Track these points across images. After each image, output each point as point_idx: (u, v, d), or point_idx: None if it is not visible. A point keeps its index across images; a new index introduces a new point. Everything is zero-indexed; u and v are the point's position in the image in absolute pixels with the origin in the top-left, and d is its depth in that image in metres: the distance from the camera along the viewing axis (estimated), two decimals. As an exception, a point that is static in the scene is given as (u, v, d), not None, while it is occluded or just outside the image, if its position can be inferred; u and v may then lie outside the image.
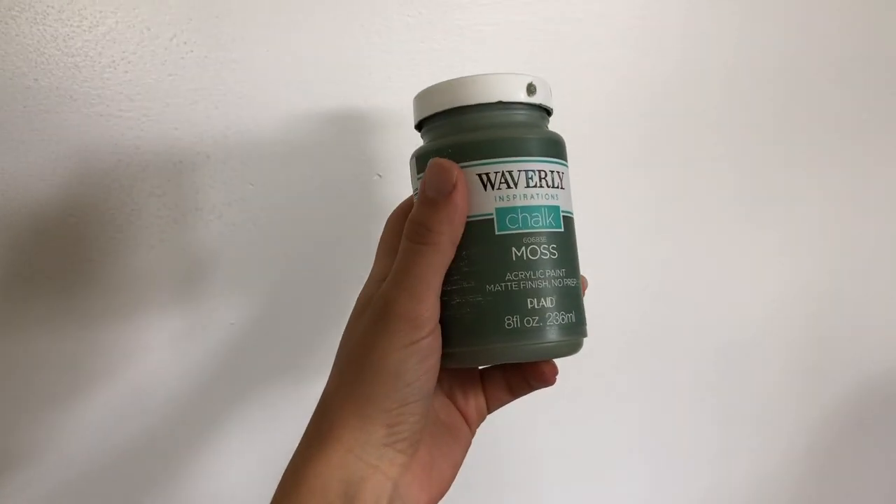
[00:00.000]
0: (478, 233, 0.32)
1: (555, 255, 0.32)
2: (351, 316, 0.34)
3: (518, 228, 0.32)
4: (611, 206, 0.57)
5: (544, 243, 0.32)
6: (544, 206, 0.32)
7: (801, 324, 0.66)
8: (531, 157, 0.32)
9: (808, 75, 0.63)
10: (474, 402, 0.37)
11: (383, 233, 0.37)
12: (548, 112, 0.35)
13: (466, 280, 0.32)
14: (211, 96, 0.45)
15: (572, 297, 0.33)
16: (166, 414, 0.47)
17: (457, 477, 0.36)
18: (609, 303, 0.56)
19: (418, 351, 0.30)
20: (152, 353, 0.47)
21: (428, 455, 0.33)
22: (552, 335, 0.32)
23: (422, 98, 0.35)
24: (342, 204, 0.49)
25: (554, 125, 0.36)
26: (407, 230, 0.32)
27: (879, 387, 0.70)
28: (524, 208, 0.32)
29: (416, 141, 0.49)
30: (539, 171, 0.32)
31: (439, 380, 0.36)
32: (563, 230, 0.33)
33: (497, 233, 0.32)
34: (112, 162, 0.44)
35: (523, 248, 0.32)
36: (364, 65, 0.48)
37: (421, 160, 0.34)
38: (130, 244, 0.45)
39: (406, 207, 0.36)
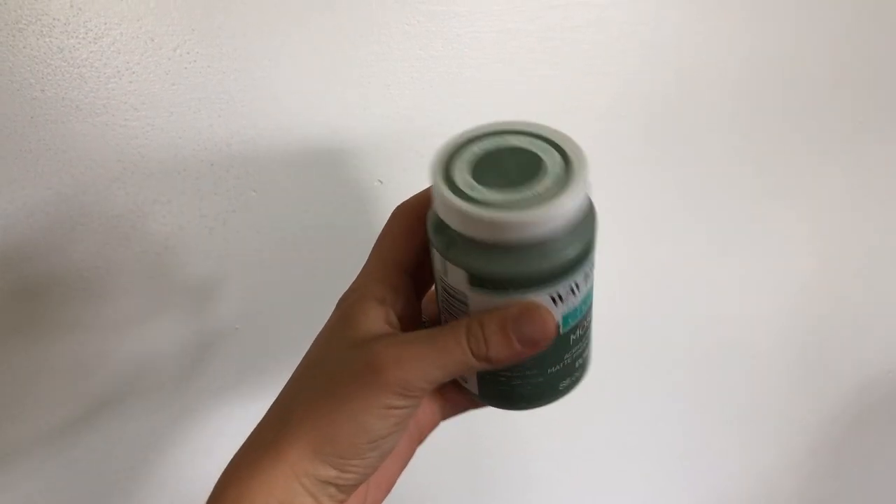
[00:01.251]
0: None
1: (590, 317, 0.33)
2: (332, 317, 0.33)
3: (576, 319, 0.32)
4: (611, 207, 0.58)
5: (589, 316, 0.33)
6: (591, 289, 0.32)
7: (804, 323, 0.66)
8: (589, 253, 0.31)
9: (810, 76, 0.63)
10: (431, 411, 0.36)
11: (386, 228, 0.34)
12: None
13: (529, 368, 0.32)
14: (214, 105, 0.46)
15: (590, 332, 0.34)
16: (171, 416, 0.48)
17: (451, 477, 0.36)
18: (609, 303, 0.57)
19: (396, 416, 0.30)
20: (157, 359, 0.47)
21: (365, 485, 0.33)
22: (586, 372, 0.35)
23: (470, 219, 0.28)
24: (344, 210, 0.49)
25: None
26: (469, 331, 0.29)
27: (881, 386, 0.70)
28: (582, 302, 0.32)
29: (414, 147, 0.50)
30: (592, 261, 0.31)
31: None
32: (591, 302, 0.33)
33: (561, 332, 0.31)
34: (117, 170, 0.45)
35: (578, 331, 0.32)
36: (363, 73, 0.48)
37: (480, 283, 0.30)
38: (136, 251, 0.46)
39: (416, 205, 0.34)
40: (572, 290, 0.30)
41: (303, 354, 0.50)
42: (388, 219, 0.35)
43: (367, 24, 0.48)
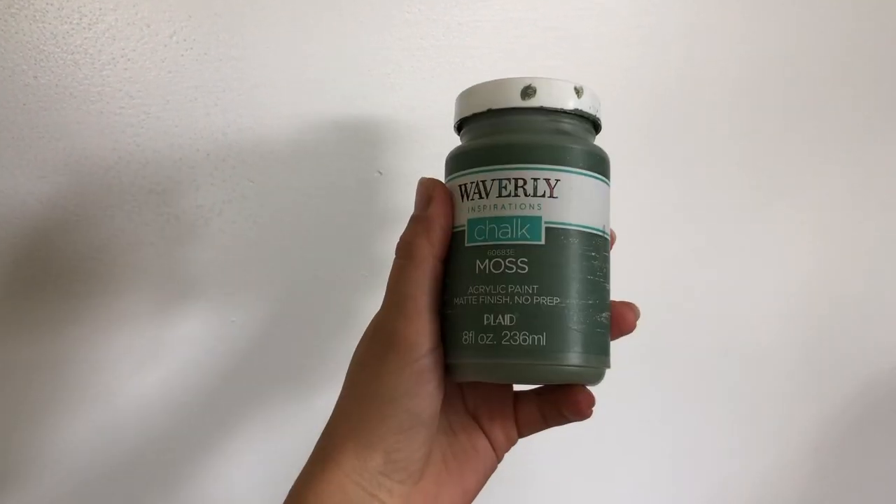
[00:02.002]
0: (455, 245, 0.32)
1: (524, 269, 0.30)
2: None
3: (484, 240, 0.31)
4: (614, 204, 0.57)
5: (510, 256, 0.30)
6: (516, 217, 0.30)
7: (806, 323, 0.65)
8: (506, 164, 0.31)
9: (813, 73, 0.63)
10: (502, 425, 0.35)
11: None
12: (558, 112, 0.32)
13: (445, 292, 0.32)
14: (210, 94, 0.45)
15: (546, 318, 0.30)
16: (169, 411, 0.47)
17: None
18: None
19: (414, 374, 0.29)
20: (155, 351, 0.47)
21: (434, 484, 0.32)
22: (508, 356, 0.30)
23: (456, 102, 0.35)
24: (343, 201, 0.49)
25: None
26: (396, 247, 0.32)
27: (882, 385, 0.69)
28: (493, 219, 0.31)
29: (415, 138, 0.50)
30: (516, 179, 0.30)
31: (464, 399, 0.35)
32: (542, 243, 0.30)
33: (466, 245, 0.31)
34: (112, 159, 0.44)
35: (486, 261, 0.30)
36: (364, 62, 0.48)
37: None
38: (131, 241, 0.45)
39: None
40: (478, 191, 0.31)
41: (299, 347, 0.50)
42: None
43: (367, 13, 0.48)
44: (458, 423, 0.35)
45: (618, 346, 0.35)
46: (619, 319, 0.34)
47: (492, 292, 0.30)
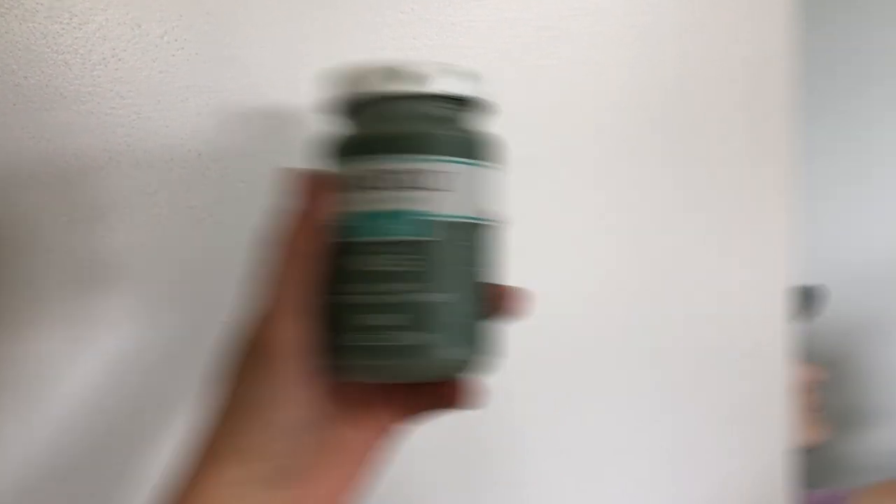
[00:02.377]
0: (335, 240, 0.30)
1: (411, 266, 0.29)
2: None
3: (369, 235, 0.29)
4: (606, 202, 0.57)
5: (397, 252, 0.29)
6: (398, 211, 0.29)
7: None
8: (394, 154, 0.29)
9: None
10: (383, 418, 0.34)
11: None
12: (449, 100, 0.31)
13: (324, 291, 0.30)
14: (202, 93, 0.45)
15: (434, 315, 0.29)
16: (162, 410, 0.47)
17: (442, 474, 0.35)
18: (607, 300, 0.56)
19: (290, 378, 0.28)
20: (147, 351, 0.46)
21: (317, 486, 0.31)
22: (392, 356, 0.29)
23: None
24: (335, 202, 0.48)
25: (547, 122, 0.35)
26: (269, 243, 0.30)
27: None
28: (379, 213, 0.29)
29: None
30: (405, 170, 0.29)
31: (343, 394, 0.33)
32: (431, 238, 0.29)
33: (347, 240, 0.29)
34: (103, 160, 0.44)
35: (370, 257, 0.29)
36: (358, 62, 0.48)
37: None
38: (123, 243, 0.45)
39: None
40: (359, 185, 0.29)
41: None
42: None
43: (360, 11, 0.47)
44: (339, 418, 0.33)
45: (618, 346, 0.35)
46: (507, 305, 0.31)
47: (376, 290, 0.29)
